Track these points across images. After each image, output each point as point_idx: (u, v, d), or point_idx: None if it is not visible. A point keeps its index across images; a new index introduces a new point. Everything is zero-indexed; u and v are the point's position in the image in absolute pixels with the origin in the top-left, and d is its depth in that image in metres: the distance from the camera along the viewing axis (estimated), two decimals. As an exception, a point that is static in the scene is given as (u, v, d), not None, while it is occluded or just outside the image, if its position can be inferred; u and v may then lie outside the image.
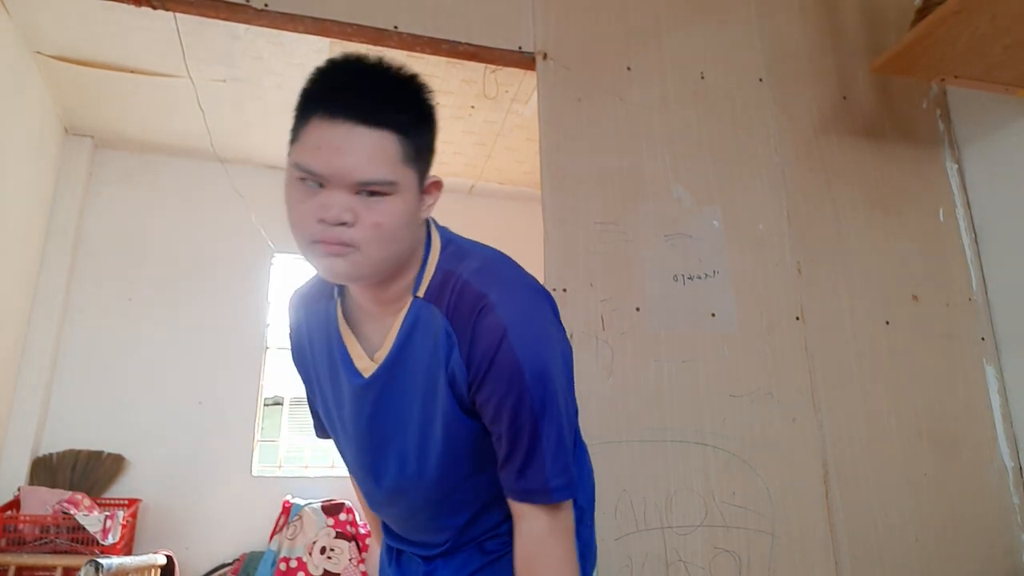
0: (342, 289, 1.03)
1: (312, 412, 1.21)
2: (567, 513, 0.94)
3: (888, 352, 2.03)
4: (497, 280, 0.92)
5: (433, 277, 0.95)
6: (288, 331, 1.15)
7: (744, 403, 1.86)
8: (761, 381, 1.89)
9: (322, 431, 1.21)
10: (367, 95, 0.84)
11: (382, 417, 0.98)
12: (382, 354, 0.96)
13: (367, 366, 0.97)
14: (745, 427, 1.84)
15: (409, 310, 0.94)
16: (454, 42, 1.95)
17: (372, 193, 0.84)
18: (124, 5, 1.80)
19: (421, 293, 0.94)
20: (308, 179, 0.84)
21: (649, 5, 2.13)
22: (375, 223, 0.84)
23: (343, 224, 0.84)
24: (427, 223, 0.99)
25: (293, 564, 3.55)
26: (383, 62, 0.90)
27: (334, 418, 1.07)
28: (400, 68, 0.92)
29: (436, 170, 0.95)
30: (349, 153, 0.82)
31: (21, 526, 3.02)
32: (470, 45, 1.97)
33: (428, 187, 0.93)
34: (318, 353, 1.06)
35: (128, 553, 3.28)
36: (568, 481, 0.93)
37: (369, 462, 1.03)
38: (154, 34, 3.10)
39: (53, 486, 3.39)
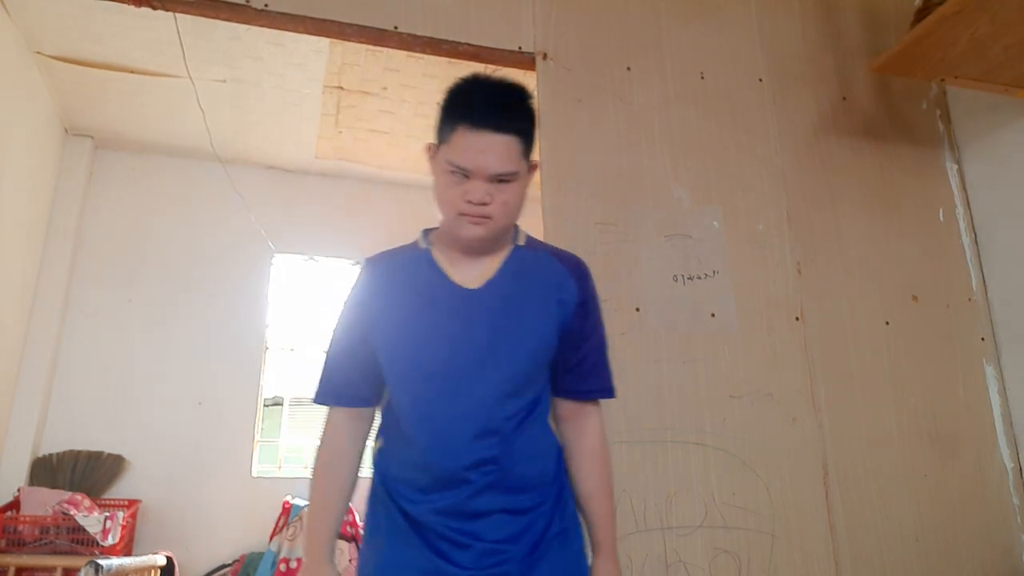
0: (432, 243, 1.31)
1: (339, 370, 1.31)
2: None
3: (888, 352, 2.03)
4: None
5: (527, 240, 1.34)
6: (357, 296, 1.31)
7: (744, 403, 1.86)
8: (761, 381, 1.89)
9: (345, 397, 1.31)
10: (500, 110, 1.16)
11: (504, 324, 1.23)
12: (486, 276, 1.26)
13: (474, 283, 1.25)
14: (745, 427, 1.84)
15: (512, 252, 1.30)
16: (454, 42, 1.95)
17: (502, 180, 1.16)
18: (124, 5, 1.80)
19: (522, 242, 1.32)
20: (457, 172, 1.16)
21: (649, 5, 2.13)
22: (504, 201, 1.18)
23: (483, 204, 1.16)
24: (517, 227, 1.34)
25: (293, 565, 3.55)
26: (506, 81, 1.22)
27: (426, 339, 1.24)
28: (518, 85, 1.22)
29: None
30: (489, 154, 1.14)
31: (21, 527, 3.02)
32: (470, 45, 1.97)
33: (530, 170, 1.24)
34: (402, 297, 1.27)
35: (128, 554, 3.28)
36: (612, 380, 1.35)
37: (482, 361, 1.21)
38: (154, 34, 3.10)
39: (53, 487, 3.39)
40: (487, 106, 1.16)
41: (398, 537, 1.21)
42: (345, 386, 1.30)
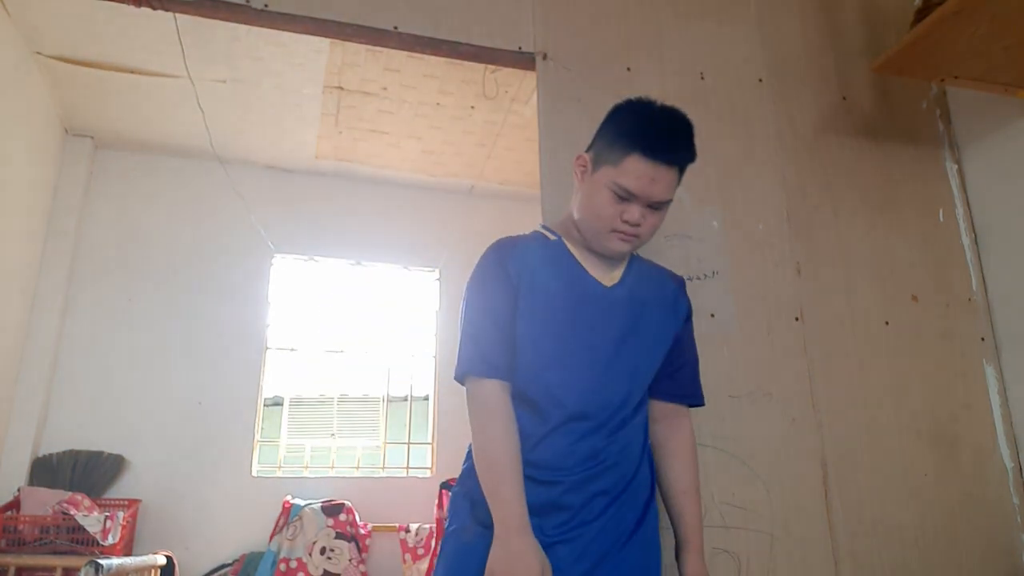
0: (559, 235, 1.41)
1: (493, 342, 1.28)
2: None
3: (888, 352, 2.02)
4: None
5: (639, 256, 1.47)
6: (498, 271, 1.31)
7: (744, 403, 1.86)
8: (761, 381, 1.89)
9: (502, 370, 1.27)
10: (676, 145, 1.25)
11: (636, 326, 1.34)
12: (616, 277, 1.38)
13: (608, 281, 1.36)
14: (745, 427, 1.84)
15: (632, 259, 1.44)
16: (454, 42, 1.95)
17: (659, 207, 1.28)
18: (124, 6, 1.80)
19: (636, 252, 1.44)
20: (620, 193, 1.25)
21: (649, 5, 2.13)
22: (653, 223, 1.30)
23: (637, 225, 1.27)
24: None
25: (293, 564, 3.55)
26: (679, 113, 1.28)
27: (567, 329, 1.31)
28: (686, 116, 1.29)
29: (436, 170, 1.03)
30: (657, 184, 1.24)
31: (21, 527, 3.02)
32: (470, 45, 1.97)
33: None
34: (543, 277, 1.33)
35: (128, 553, 3.28)
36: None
37: (615, 358, 1.32)
38: (154, 34, 3.10)
39: (53, 486, 3.39)
40: (665, 139, 1.24)
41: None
42: (502, 358, 1.27)
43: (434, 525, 3.80)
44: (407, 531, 3.89)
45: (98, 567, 2.28)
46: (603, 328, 1.32)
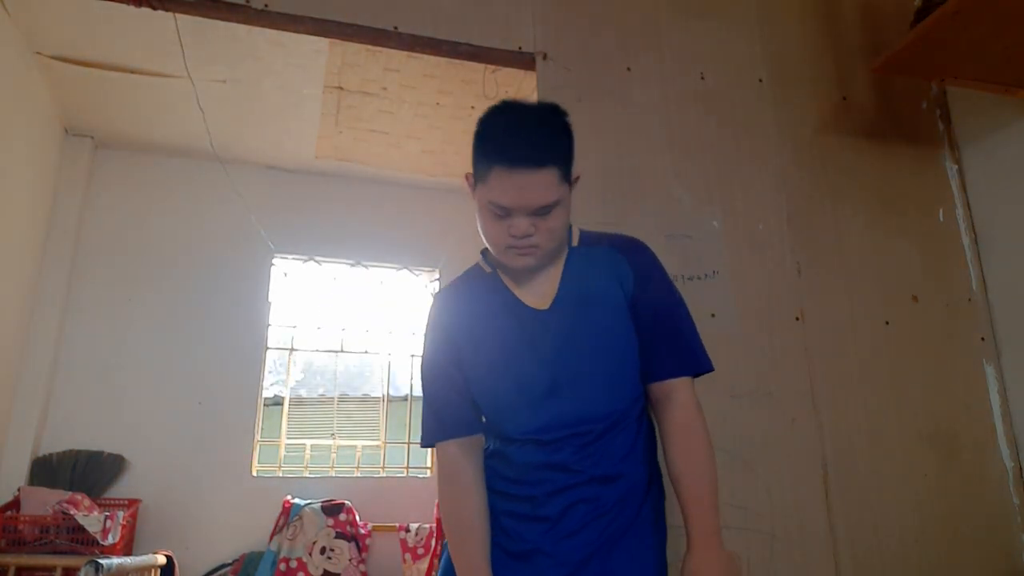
0: (494, 265, 1.32)
1: (445, 401, 1.29)
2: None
3: (888, 352, 2.03)
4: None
5: (582, 237, 1.32)
6: (437, 329, 1.31)
7: (744, 403, 1.86)
8: (761, 381, 1.89)
9: (457, 425, 1.28)
10: (534, 146, 1.12)
11: (570, 338, 1.23)
12: (551, 293, 1.26)
13: (541, 303, 1.26)
14: (745, 427, 1.84)
15: (569, 256, 1.29)
16: (454, 42, 1.95)
17: (545, 212, 1.15)
18: (124, 6, 1.80)
19: (575, 243, 1.30)
20: (497, 211, 1.15)
21: (649, 6, 2.13)
22: (548, 228, 1.17)
23: (528, 236, 1.16)
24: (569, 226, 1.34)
25: (293, 564, 3.55)
26: (532, 109, 1.18)
27: (502, 366, 1.25)
28: (548, 109, 1.19)
29: (436, 170, 1.04)
30: (527, 191, 1.12)
31: (21, 526, 3.01)
32: (470, 45, 1.97)
33: (573, 183, 1.22)
34: (481, 320, 1.28)
35: (128, 553, 3.28)
36: (706, 353, 1.28)
37: (548, 382, 1.22)
38: (154, 34, 3.10)
39: (53, 486, 3.39)
40: (521, 143, 1.12)
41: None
42: (454, 417, 1.28)
43: (434, 525, 3.80)
44: (407, 531, 3.88)
45: (98, 567, 2.28)
46: (534, 354, 1.23)
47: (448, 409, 1.28)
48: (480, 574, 1.20)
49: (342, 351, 4.48)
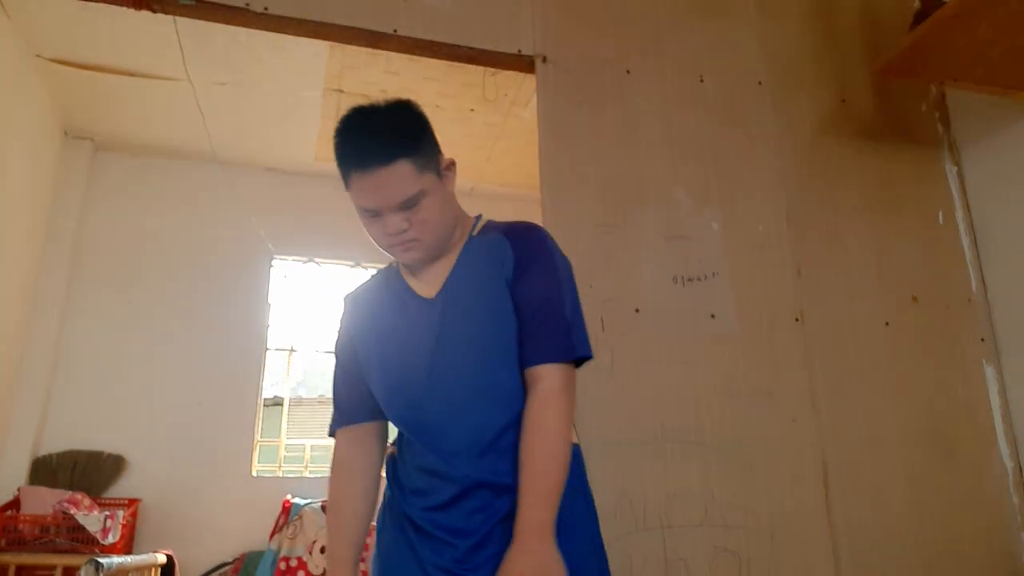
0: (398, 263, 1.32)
1: (338, 393, 1.33)
2: (574, 373, 1.19)
3: (888, 353, 2.03)
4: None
5: (484, 227, 1.32)
6: (339, 328, 1.36)
7: (744, 404, 1.86)
8: (761, 382, 1.89)
9: (346, 414, 1.31)
10: (375, 146, 1.14)
11: (450, 327, 1.21)
12: (442, 279, 1.25)
13: (430, 292, 1.25)
14: (745, 427, 1.84)
15: (466, 245, 1.28)
16: (454, 45, 1.96)
17: (411, 204, 1.15)
18: (124, 8, 1.81)
19: (475, 233, 1.29)
20: (366, 214, 1.18)
21: (648, 9, 2.13)
22: (421, 220, 1.17)
23: (403, 231, 1.17)
24: (479, 217, 1.35)
25: (293, 563, 3.55)
26: (375, 109, 1.18)
27: (391, 352, 1.24)
28: (393, 105, 1.20)
29: None
30: (384, 189, 1.14)
31: (21, 526, 3.02)
32: (470, 48, 1.97)
33: (444, 172, 1.23)
34: (375, 313, 1.30)
35: (128, 553, 3.28)
36: (586, 338, 1.20)
37: (428, 372, 1.20)
38: (154, 37, 3.10)
39: (53, 486, 3.39)
40: (362, 146, 1.14)
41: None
42: (348, 406, 1.32)
43: (434, 526, 3.80)
44: (407, 532, 3.89)
45: (98, 566, 2.28)
46: (418, 344, 1.21)
47: (338, 400, 1.32)
48: (341, 564, 1.24)
49: (342, 352, 4.48)
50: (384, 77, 3.51)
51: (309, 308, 4.47)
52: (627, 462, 1.73)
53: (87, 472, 3.58)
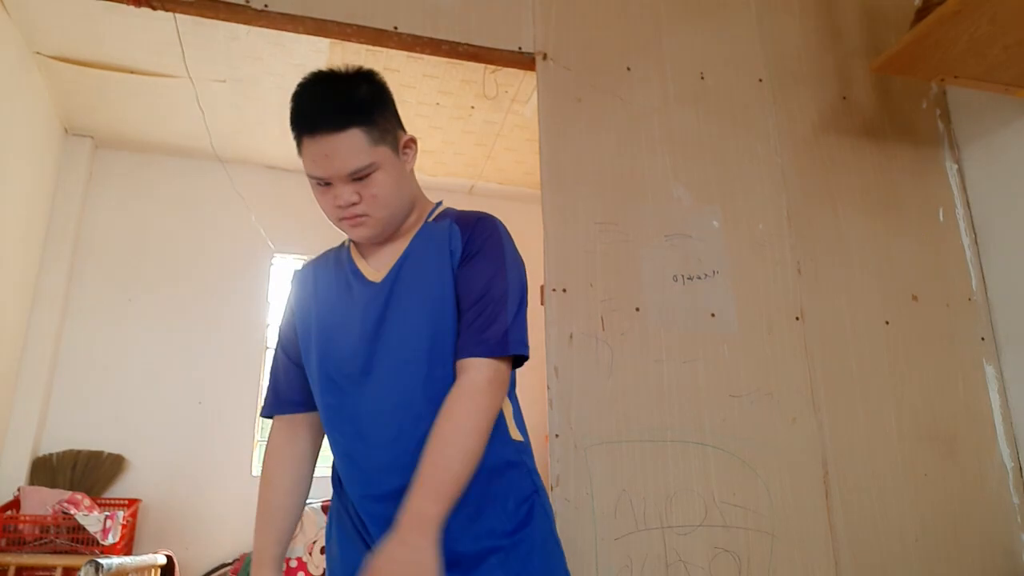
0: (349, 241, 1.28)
1: (276, 375, 1.30)
2: (507, 371, 1.12)
3: (888, 352, 2.03)
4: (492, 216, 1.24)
5: (442, 213, 1.26)
6: (285, 304, 1.32)
7: (744, 403, 1.86)
8: (761, 381, 1.89)
9: (282, 401, 1.27)
10: (328, 110, 1.09)
11: (392, 314, 1.15)
12: (390, 263, 1.19)
13: (377, 276, 1.19)
14: (745, 427, 1.84)
15: (420, 230, 1.21)
16: (454, 43, 1.95)
17: (362, 177, 1.11)
18: (124, 6, 1.80)
19: (432, 219, 1.23)
20: (317, 182, 1.13)
21: (649, 6, 2.13)
22: (372, 195, 1.12)
23: (353, 204, 1.12)
24: (439, 204, 1.29)
25: (293, 564, 3.55)
26: (334, 74, 1.16)
27: (329, 334, 1.19)
28: (354, 73, 1.17)
29: (436, 170, 1.07)
30: (334, 158, 1.09)
31: (21, 526, 3.02)
32: (470, 45, 1.96)
33: (403, 148, 1.19)
34: (319, 292, 1.25)
35: (128, 553, 3.28)
36: (524, 338, 1.13)
37: (366, 358, 1.14)
38: (154, 35, 3.10)
39: (53, 486, 3.39)
40: (314, 110, 1.10)
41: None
42: (286, 391, 1.27)
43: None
44: (407, 531, 3.89)
45: (98, 566, 2.28)
46: (356, 327, 1.15)
47: (276, 383, 1.28)
48: (264, 560, 1.16)
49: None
50: (384, 74, 3.48)
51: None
52: (627, 462, 1.73)
53: (87, 472, 3.58)
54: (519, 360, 1.15)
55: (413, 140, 1.21)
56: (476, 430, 1.04)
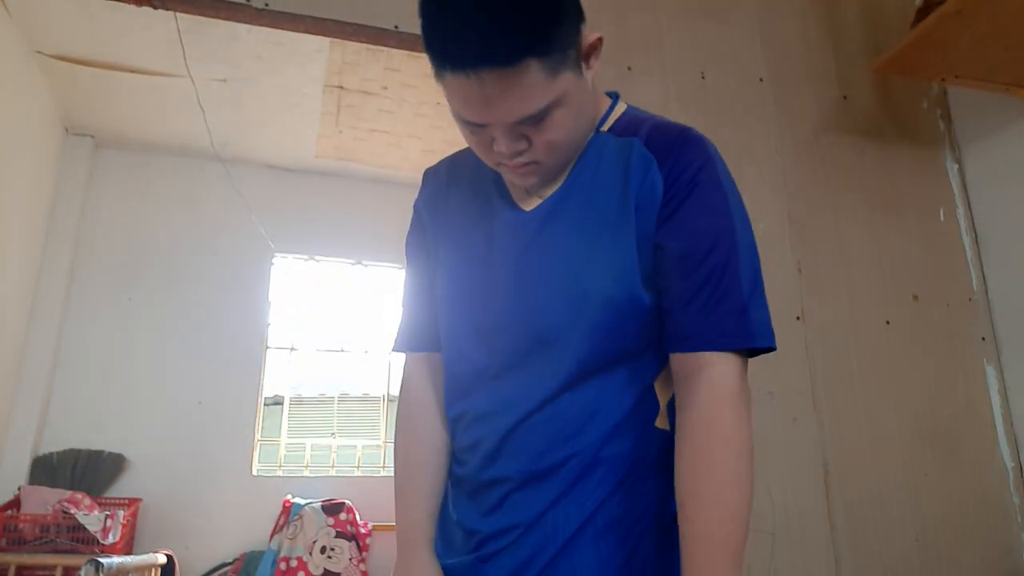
0: None
1: (410, 305, 1.03)
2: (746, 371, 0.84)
3: (888, 352, 2.02)
4: (694, 128, 0.92)
5: (620, 118, 0.93)
6: (413, 216, 1.05)
7: (744, 403, 1.85)
8: (761, 381, 1.89)
9: (419, 337, 1.01)
10: (493, 33, 0.74)
11: (539, 255, 0.88)
12: (552, 189, 0.90)
13: (531, 203, 0.91)
14: (745, 427, 1.84)
15: (589, 146, 0.90)
16: (454, 42, 1.95)
17: (537, 120, 0.80)
18: (124, 5, 1.80)
19: (606, 128, 0.92)
20: (467, 124, 0.83)
21: (649, 5, 2.13)
22: (547, 141, 0.82)
23: (520, 153, 0.82)
24: (615, 98, 0.97)
25: (293, 563, 3.55)
26: None
27: (464, 267, 0.95)
28: None
29: None
30: (498, 103, 0.77)
31: (21, 525, 3.02)
32: (470, 45, 1.96)
33: (586, 55, 0.84)
34: (455, 206, 0.99)
35: (128, 553, 3.28)
36: (769, 322, 0.86)
37: (508, 308, 0.88)
38: (154, 34, 3.10)
39: (53, 486, 3.39)
40: (466, 33, 0.76)
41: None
42: (422, 325, 1.00)
43: (434, 524, 3.80)
44: (407, 530, 3.88)
45: (98, 566, 2.28)
46: (499, 271, 0.90)
47: (410, 315, 1.02)
48: (418, 539, 0.91)
49: (342, 351, 4.48)
50: (385, 74, 3.51)
51: (310, 306, 4.47)
52: (627, 461, 1.73)
53: (87, 471, 3.58)
54: (753, 353, 0.88)
55: (600, 40, 0.86)
56: (742, 454, 0.86)
